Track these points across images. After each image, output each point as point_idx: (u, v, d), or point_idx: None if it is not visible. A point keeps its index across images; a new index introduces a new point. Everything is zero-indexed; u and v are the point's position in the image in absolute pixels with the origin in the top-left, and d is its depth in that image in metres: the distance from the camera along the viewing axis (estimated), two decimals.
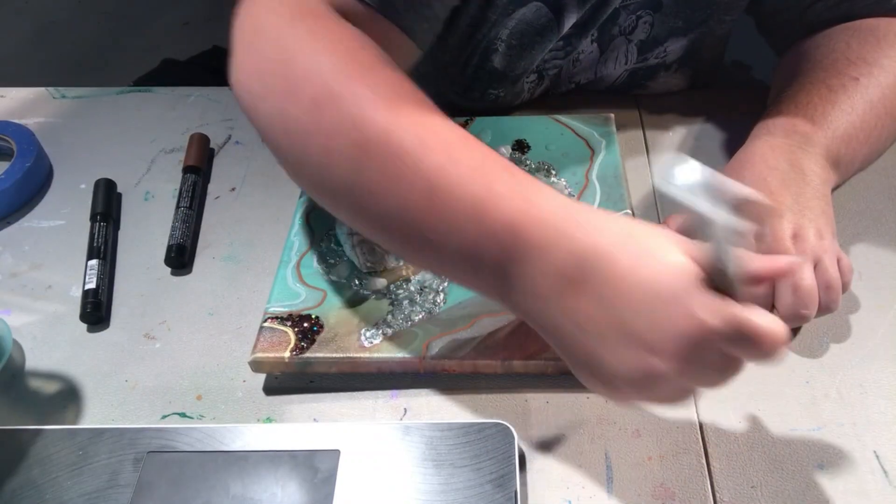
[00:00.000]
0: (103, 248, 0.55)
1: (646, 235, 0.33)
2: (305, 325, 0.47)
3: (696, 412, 0.44)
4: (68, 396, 0.47)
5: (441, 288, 0.49)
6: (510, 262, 0.34)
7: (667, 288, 0.31)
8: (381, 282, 0.49)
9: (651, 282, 0.31)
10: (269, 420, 0.45)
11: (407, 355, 0.45)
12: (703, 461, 0.42)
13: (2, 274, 0.56)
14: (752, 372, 0.45)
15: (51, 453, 0.42)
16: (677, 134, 0.64)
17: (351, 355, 0.45)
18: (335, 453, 0.41)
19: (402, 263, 0.51)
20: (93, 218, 0.57)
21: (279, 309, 0.48)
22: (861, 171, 0.56)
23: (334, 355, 0.45)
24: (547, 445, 0.43)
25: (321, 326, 0.47)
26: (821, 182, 0.48)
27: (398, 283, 0.50)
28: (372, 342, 0.46)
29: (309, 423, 0.44)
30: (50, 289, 0.54)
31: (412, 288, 0.49)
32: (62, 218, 0.60)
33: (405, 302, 0.48)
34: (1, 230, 0.59)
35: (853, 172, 0.54)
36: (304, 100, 0.38)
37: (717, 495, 0.40)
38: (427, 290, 0.49)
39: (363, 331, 0.47)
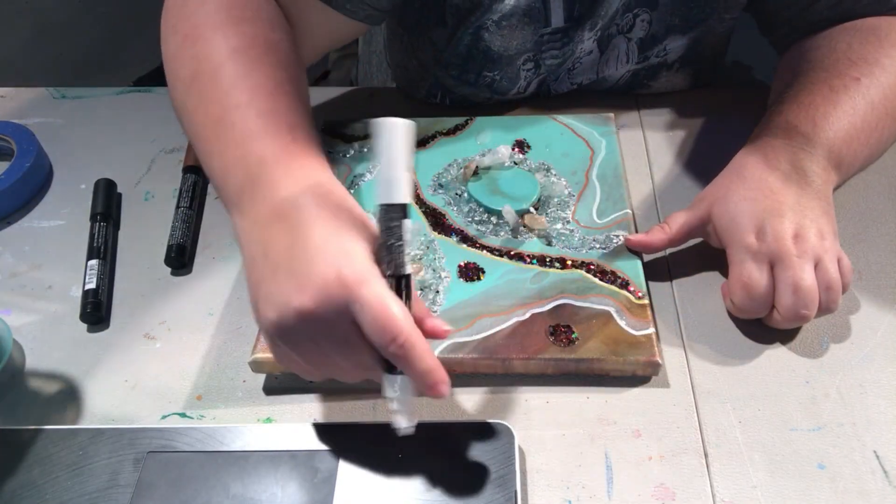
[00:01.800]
0: (103, 248, 0.55)
1: (348, 218, 0.39)
2: None
3: (696, 412, 0.44)
4: (68, 396, 0.47)
5: (441, 288, 0.49)
6: (249, 186, 0.42)
7: (334, 252, 0.37)
8: None
9: (326, 247, 0.38)
10: (268, 420, 0.45)
11: None
12: (703, 461, 0.42)
13: (2, 274, 0.56)
14: (751, 372, 0.46)
15: (51, 453, 0.42)
16: (677, 134, 0.64)
17: None
18: (335, 453, 0.41)
19: None
20: (93, 218, 0.57)
21: None
22: (861, 171, 0.56)
23: None
24: (547, 445, 0.43)
25: None
26: (822, 182, 0.48)
27: None
28: None
29: (309, 423, 0.44)
30: (50, 289, 0.54)
31: None
32: (62, 218, 0.60)
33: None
34: (1, 230, 0.59)
35: (854, 172, 0.54)
36: (179, 35, 0.49)
37: (717, 495, 0.40)
38: (427, 290, 0.49)
39: None
